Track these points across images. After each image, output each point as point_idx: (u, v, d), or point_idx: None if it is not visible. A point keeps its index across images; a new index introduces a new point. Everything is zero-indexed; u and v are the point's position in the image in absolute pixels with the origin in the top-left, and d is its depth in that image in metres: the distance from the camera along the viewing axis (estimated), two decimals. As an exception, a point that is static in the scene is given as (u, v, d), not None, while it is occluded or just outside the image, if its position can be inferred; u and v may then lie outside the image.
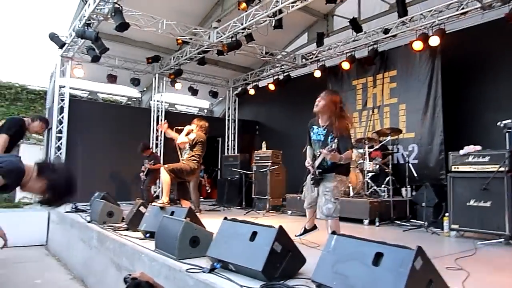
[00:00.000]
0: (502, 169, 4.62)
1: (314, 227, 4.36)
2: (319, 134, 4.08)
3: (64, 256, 7.02)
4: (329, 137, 3.92)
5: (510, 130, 5.09)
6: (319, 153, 3.91)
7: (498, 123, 5.21)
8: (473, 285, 2.69)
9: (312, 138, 4.19)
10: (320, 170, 3.96)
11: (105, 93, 13.28)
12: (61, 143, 9.70)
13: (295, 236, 4.31)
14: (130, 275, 2.45)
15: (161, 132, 8.17)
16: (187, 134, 6.21)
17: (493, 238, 4.69)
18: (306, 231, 4.41)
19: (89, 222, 6.00)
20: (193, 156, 6.16)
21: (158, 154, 10.99)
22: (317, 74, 9.74)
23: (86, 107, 10.84)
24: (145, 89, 13.19)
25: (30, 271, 6.37)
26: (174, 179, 5.91)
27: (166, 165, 5.97)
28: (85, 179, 9.67)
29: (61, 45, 9.16)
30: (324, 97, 4.01)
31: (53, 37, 8.97)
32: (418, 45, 7.52)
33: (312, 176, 4.05)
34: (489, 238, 4.73)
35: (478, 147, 5.01)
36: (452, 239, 5.08)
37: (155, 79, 11.65)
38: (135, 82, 11.12)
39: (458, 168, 5.12)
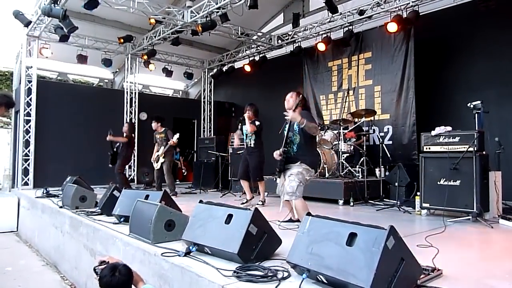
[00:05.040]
0: (471, 149, 4.76)
1: (299, 220, 4.40)
2: (286, 124, 4.30)
3: (36, 242, 6.88)
4: (295, 124, 4.15)
5: (479, 111, 5.24)
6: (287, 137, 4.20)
7: (468, 104, 5.35)
8: (443, 261, 2.78)
9: (284, 134, 4.34)
10: (286, 149, 4.18)
11: (76, 74, 12.89)
12: (29, 126, 9.36)
13: (278, 221, 4.39)
14: (99, 264, 2.41)
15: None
16: (250, 121, 6.17)
17: (462, 215, 4.86)
18: (291, 221, 4.46)
19: (61, 207, 5.88)
20: (261, 142, 6.33)
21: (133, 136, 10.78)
22: (293, 55, 9.70)
23: (55, 89, 10.47)
24: (117, 70, 12.84)
25: (0, 258, 6.21)
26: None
27: (258, 178, 6.35)
28: (56, 163, 9.46)
29: (27, 23, 8.72)
30: (292, 95, 4.35)
31: (18, 15, 8.52)
32: (392, 27, 7.56)
33: (278, 162, 4.24)
34: (458, 215, 4.89)
35: (449, 128, 5.13)
36: (423, 218, 5.23)
37: (127, 59, 11.35)
38: (107, 62, 10.77)
39: (429, 148, 5.24)
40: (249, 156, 6.31)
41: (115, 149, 8.39)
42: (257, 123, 6.18)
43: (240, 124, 6.51)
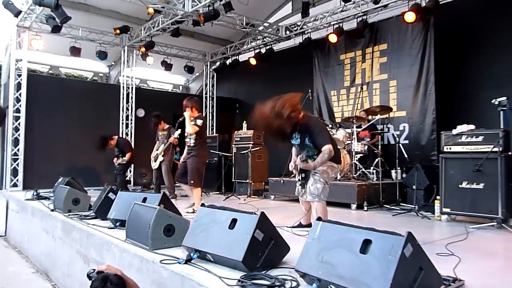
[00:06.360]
0: (496, 149, 4.72)
1: (310, 225, 4.40)
2: (296, 139, 4.24)
3: (26, 248, 6.92)
4: (305, 139, 4.10)
5: (504, 108, 5.19)
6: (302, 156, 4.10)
7: (493, 101, 5.31)
8: (465, 271, 2.76)
9: (292, 143, 4.33)
10: (303, 175, 4.13)
11: (68, 68, 12.95)
12: (19, 124, 9.42)
13: (287, 227, 4.39)
14: (94, 270, 2.42)
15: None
16: (191, 120, 5.97)
17: (485, 221, 4.83)
18: (301, 226, 4.46)
19: (52, 210, 5.91)
20: (203, 141, 6.13)
21: (128, 137, 10.84)
22: (302, 47, 9.69)
23: (47, 83, 10.52)
24: (113, 63, 12.89)
25: (-13, 264, 6.27)
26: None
27: (192, 182, 5.86)
28: (47, 163, 9.53)
29: (17, 13, 8.78)
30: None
31: (7, 4, 8.57)
32: (410, 17, 7.50)
33: (298, 178, 4.22)
34: (481, 221, 4.86)
35: (472, 126, 5.10)
36: (443, 223, 5.21)
37: (124, 52, 11.36)
38: (102, 55, 10.81)
39: (450, 148, 5.21)
40: (188, 156, 6.03)
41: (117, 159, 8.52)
42: (199, 122, 5.88)
43: (177, 126, 6.23)
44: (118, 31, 10.15)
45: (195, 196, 5.96)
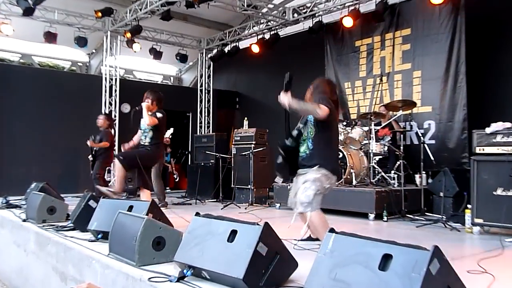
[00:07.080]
0: (536, 150, 4.73)
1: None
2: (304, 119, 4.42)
3: (-6, 263, 6.95)
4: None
5: (546, 103, 5.20)
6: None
7: (533, 95, 5.32)
8: (500, 292, 2.77)
9: (299, 125, 4.46)
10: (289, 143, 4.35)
11: (43, 56, 13.00)
12: (-14, 121, 9.49)
13: (296, 240, 4.38)
14: None
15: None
16: (149, 111, 5.90)
17: (523, 234, 4.83)
18: (311, 239, 4.46)
19: (24, 220, 5.92)
20: (159, 143, 6.09)
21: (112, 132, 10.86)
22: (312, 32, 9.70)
23: (17, 74, 10.56)
24: (94, 51, 12.94)
25: (-50, 282, 6.29)
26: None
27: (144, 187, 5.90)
28: (18, 166, 9.54)
29: (-17, -7, 8.85)
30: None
31: (-28, -17, 8.65)
32: (437, -3, 7.53)
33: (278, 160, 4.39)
34: (519, 234, 4.87)
35: (508, 124, 5.09)
36: (475, 236, 5.20)
37: (106, 38, 11.40)
38: (81, 42, 10.86)
39: (483, 149, 5.20)
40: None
41: (94, 152, 8.48)
42: (159, 115, 5.87)
43: (133, 116, 6.14)
44: (99, 14, 10.17)
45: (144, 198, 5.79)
